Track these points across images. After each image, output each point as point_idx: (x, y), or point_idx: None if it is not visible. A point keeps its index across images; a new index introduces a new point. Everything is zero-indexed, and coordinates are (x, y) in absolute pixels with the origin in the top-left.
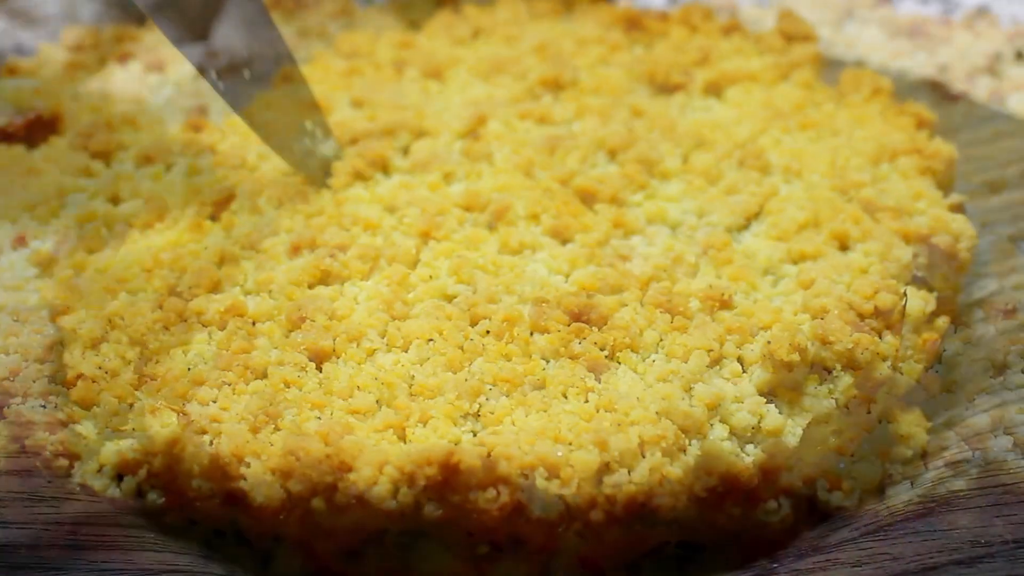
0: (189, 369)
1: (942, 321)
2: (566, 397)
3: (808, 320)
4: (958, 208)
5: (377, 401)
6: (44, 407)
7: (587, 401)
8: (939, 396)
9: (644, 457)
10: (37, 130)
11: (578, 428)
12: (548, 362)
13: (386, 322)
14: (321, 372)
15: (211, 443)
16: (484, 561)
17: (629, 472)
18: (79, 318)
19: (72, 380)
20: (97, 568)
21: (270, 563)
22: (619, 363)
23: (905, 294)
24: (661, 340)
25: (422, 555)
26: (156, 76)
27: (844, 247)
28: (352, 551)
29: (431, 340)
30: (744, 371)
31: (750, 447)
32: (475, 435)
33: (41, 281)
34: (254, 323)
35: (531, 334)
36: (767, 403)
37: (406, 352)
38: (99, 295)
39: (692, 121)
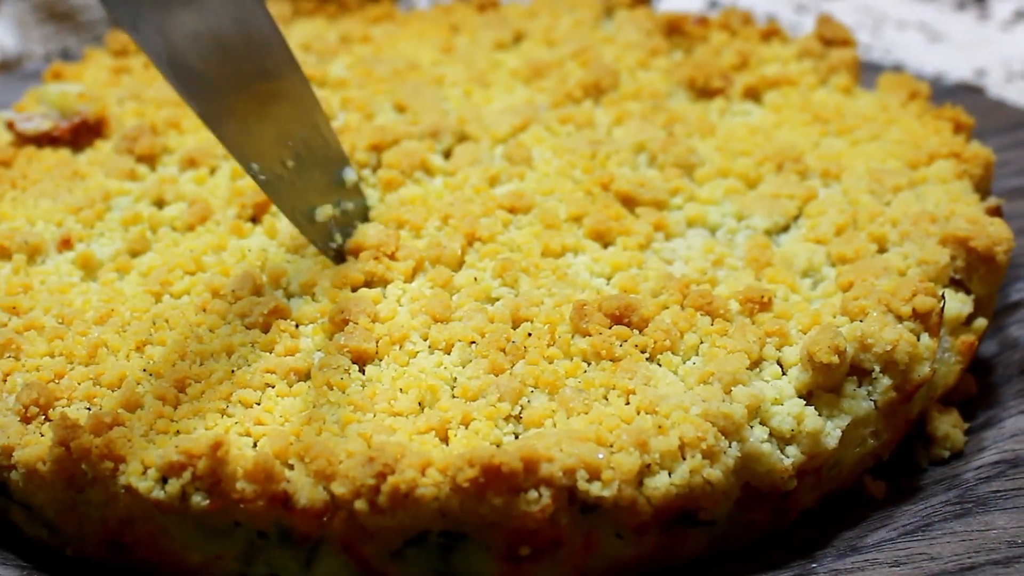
0: (233, 372)
1: (979, 323)
2: (607, 399)
3: (847, 322)
4: (995, 211)
5: (419, 403)
6: (89, 409)
7: (628, 403)
8: (976, 397)
9: (684, 459)
10: (82, 134)
11: (619, 430)
12: (589, 364)
13: (429, 324)
14: (364, 374)
15: (254, 445)
16: (525, 562)
17: (669, 474)
18: (123, 321)
19: (117, 382)
20: (142, 568)
21: (313, 563)
22: (660, 365)
23: (943, 297)
24: (701, 342)
25: (464, 556)
26: None
27: (882, 250)
28: (395, 551)
29: (473, 343)
30: (784, 373)
31: (790, 448)
32: (517, 437)
33: (86, 284)
34: (297, 325)
35: (572, 336)
36: (806, 405)
37: (448, 354)
38: (143, 298)
39: (731, 125)
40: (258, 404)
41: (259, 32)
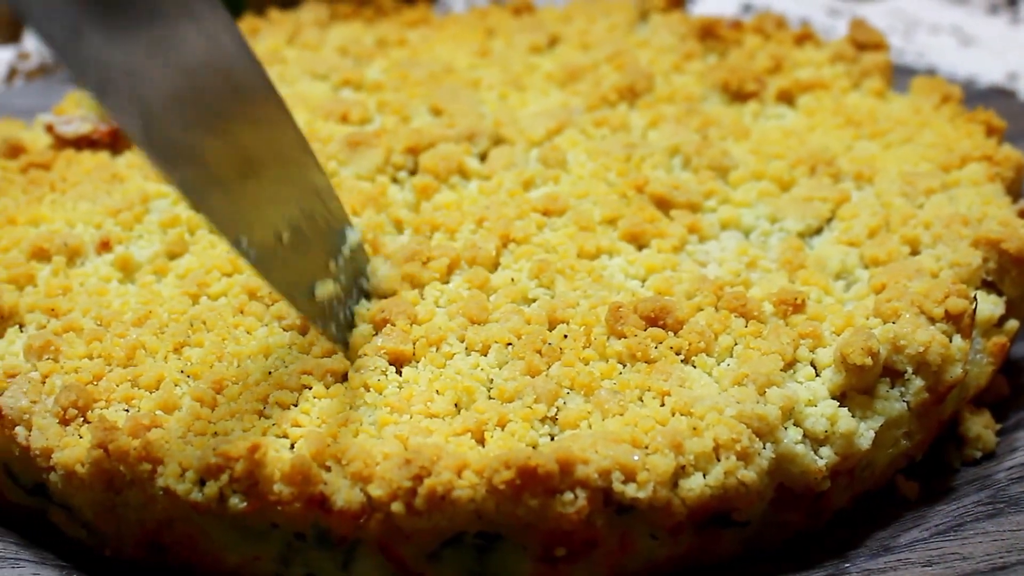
0: (270, 373)
1: (1011, 325)
2: (642, 401)
3: (880, 324)
4: None
5: (456, 405)
6: (127, 411)
7: (663, 405)
8: (1008, 398)
9: (719, 460)
10: (121, 137)
11: (654, 431)
12: (625, 366)
13: (466, 326)
14: (401, 375)
15: (292, 447)
16: (561, 563)
17: (704, 475)
18: (161, 322)
19: (154, 384)
20: (180, 569)
21: (350, 564)
22: (694, 367)
23: (975, 298)
24: (735, 344)
25: (500, 557)
26: None
27: (915, 252)
28: (431, 553)
29: (510, 344)
30: (817, 375)
31: (824, 449)
32: (552, 439)
33: (124, 286)
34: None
35: (608, 338)
36: (840, 406)
37: (485, 356)
38: (181, 299)
39: (765, 128)
40: (295, 406)
41: (246, 81)
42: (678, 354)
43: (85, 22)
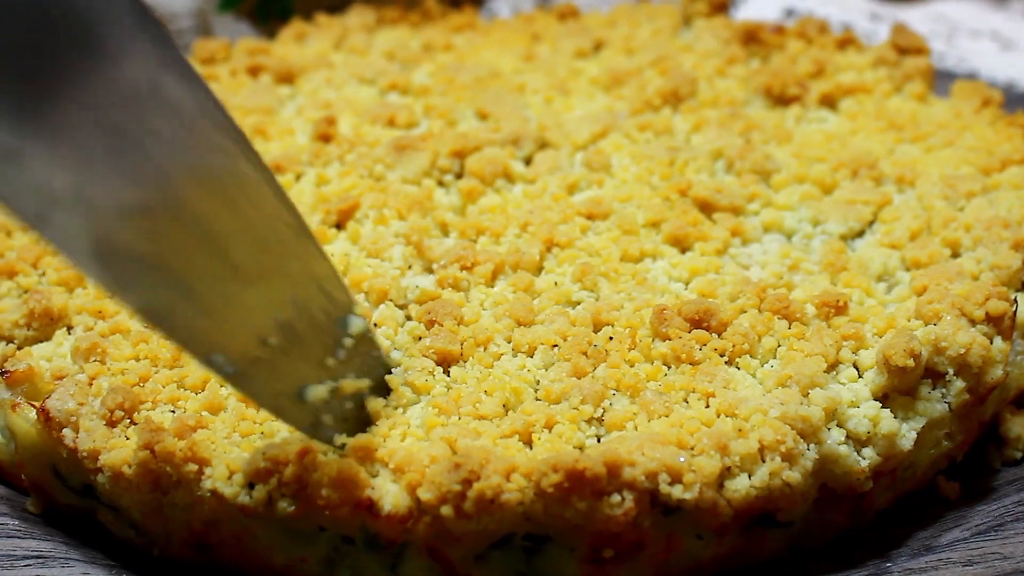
0: None
1: None
2: (687, 402)
3: (921, 326)
4: None
5: (504, 406)
6: (173, 412)
7: (708, 406)
8: None
9: (764, 462)
10: None
11: (699, 433)
12: (669, 368)
13: (512, 327)
14: (449, 376)
15: (341, 446)
16: (608, 564)
17: (749, 476)
18: None
19: (200, 385)
20: (228, 569)
21: (399, 567)
22: (738, 368)
23: (1015, 300)
24: (779, 346)
25: (547, 558)
26: (286, 88)
27: (956, 255)
28: (479, 554)
29: (556, 346)
30: (860, 376)
31: (866, 450)
32: (599, 440)
33: None
34: (375, 324)
35: (653, 340)
36: (882, 407)
37: (531, 357)
38: None
39: (807, 132)
40: None
41: (226, 166)
42: (722, 356)
43: (27, 139)
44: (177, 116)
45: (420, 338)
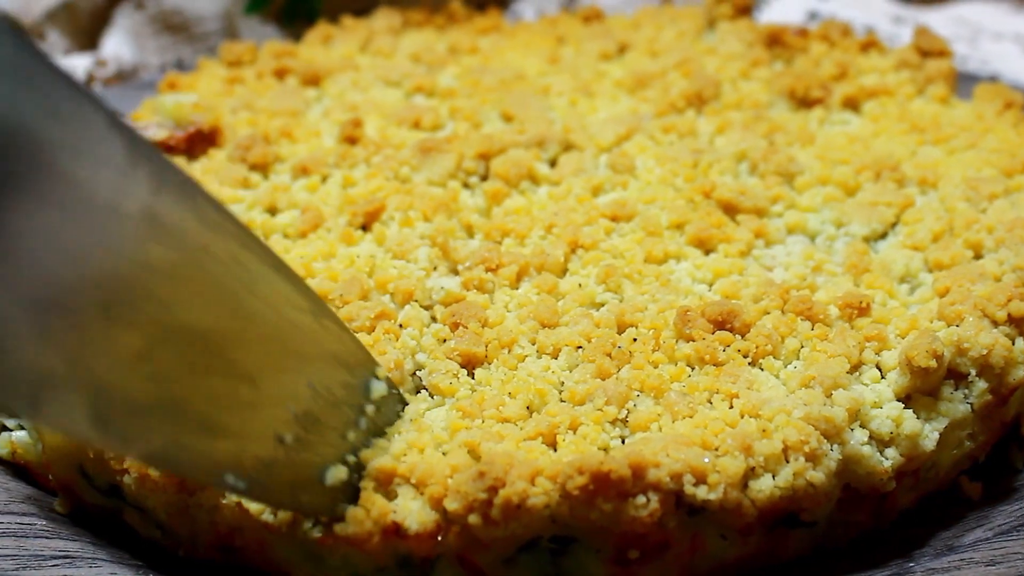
0: None
1: None
2: (711, 403)
3: (943, 327)
4: None
5: (528, 407)
6: None
7: (732, 407)
8: None
9: (788, 462)
10: (197, 143)
11: (724, 434)
12: (693, 369)
13: (536, 329)
14: (473, 379)
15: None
16: (634, 564)
17: (773, 477)
18: None
19: None
20: (254, 570)
21: (429, 574)
22: (762, 369)
23: None
24: (802, 347)
25: (574, 560)
26: (312, 90)
27: (978, 256)
28: (508, 558)
29: (580, 347)
30: (882, 377)
31: (889, 451)
32: (623, 441)
33: None
34: (400, 326)
35: (677, 341)
36: (905, 408)
37: (556, 359)
38: None
39: (830, 134)
40: None
41: (228, 273)
42: (745, 357)
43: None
44: (176, 240)
45: (444, 340)
